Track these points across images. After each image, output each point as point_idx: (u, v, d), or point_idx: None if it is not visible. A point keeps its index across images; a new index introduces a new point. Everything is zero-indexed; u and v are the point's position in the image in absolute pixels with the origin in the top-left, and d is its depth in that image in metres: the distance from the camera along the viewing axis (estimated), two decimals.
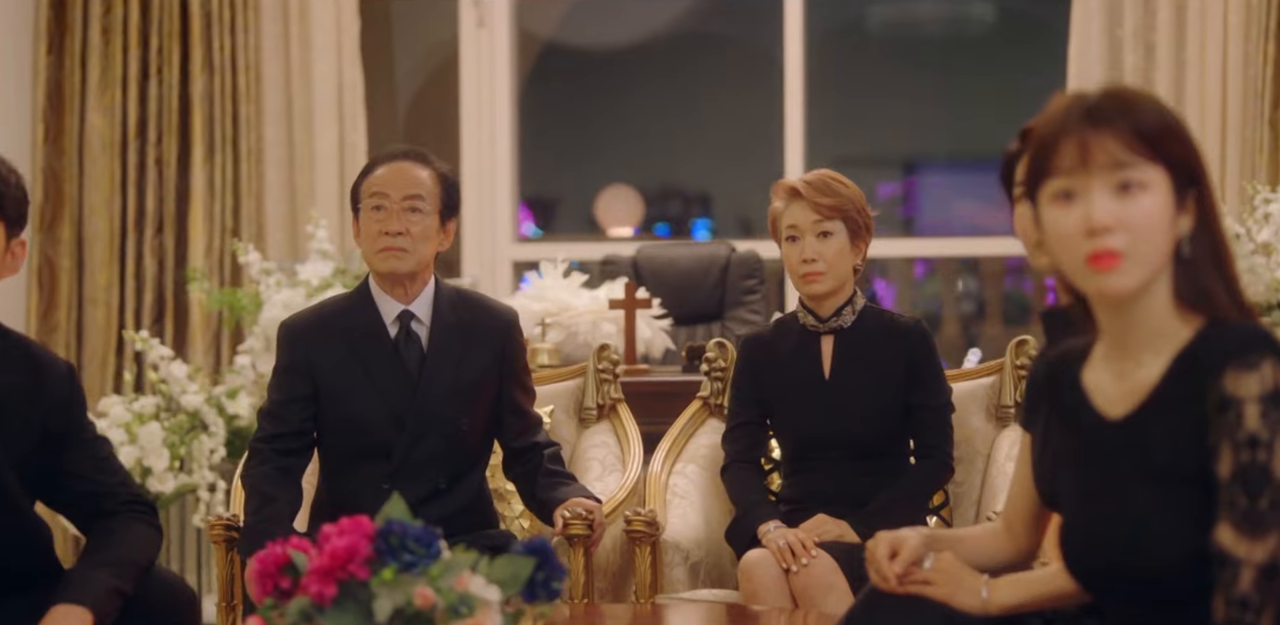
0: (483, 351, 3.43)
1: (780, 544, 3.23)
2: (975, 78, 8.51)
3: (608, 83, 8.51)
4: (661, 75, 8.41)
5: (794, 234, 3.43)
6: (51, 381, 2.71)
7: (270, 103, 6.36)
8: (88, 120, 6.33)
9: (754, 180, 8.41)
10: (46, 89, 6.33)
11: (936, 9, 8.95)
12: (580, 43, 8.00)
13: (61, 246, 6.31)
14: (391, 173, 3.42)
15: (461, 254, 6.53)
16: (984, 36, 8.87)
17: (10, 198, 2.62)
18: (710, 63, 8.30)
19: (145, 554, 2.69)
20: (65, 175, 6.33)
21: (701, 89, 8.30)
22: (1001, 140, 8.36)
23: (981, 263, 8.07)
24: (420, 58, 7.74)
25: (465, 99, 6.62)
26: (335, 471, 3.45)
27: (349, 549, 2.17)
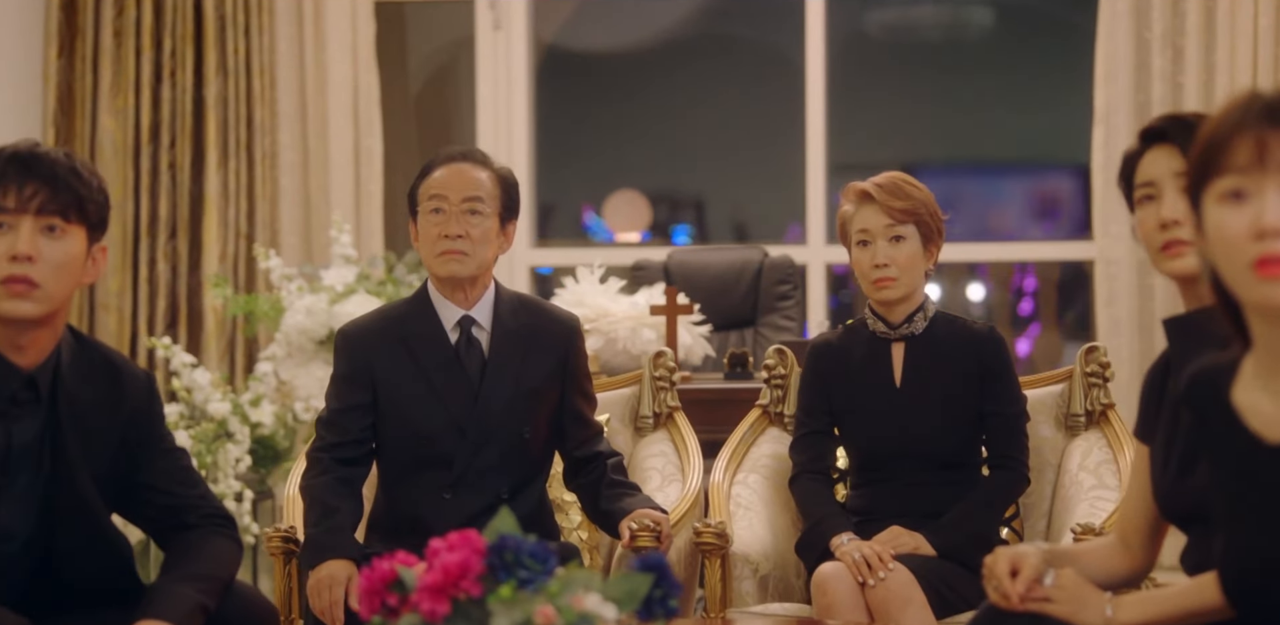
0: (544, 358, 3.36)
1: (856, 557, 3.16)
2: (974, 82, 8.46)
3: (609, 86, 8.44)
4: (665, 78, 8.35)
5: (865, 238, 3.36)
6: (131, 391, 2.63)
7: (285, 106, 6.29)
8: (99, 124, 6.25)
9: (749, 183, 8.38)
10: (57, 92, 6.25)
11: (936, 14, 8.91)
12: (582, 46, 7.93)
13: None
14: (450, 174, 3.35)
15: None
16: (983, 41, 8.82)
17: (92, 202, 2.53)
18: (711, 65, 8.24)
19: (228, 569, 2.61)
20: None
21: (706, 92, 8.24)
22: (999, 145, 8.28)
23: (990, 267, 8.02)
24: (435, 60, 7.66)
25: (481, 102, 6.55)
26: (394, 481, 3.37)
27: (462, 565, 2.09)
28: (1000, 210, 8.75)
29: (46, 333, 2.52)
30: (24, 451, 2.52)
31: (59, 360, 2.55)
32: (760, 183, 8.32)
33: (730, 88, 8.17)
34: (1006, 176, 8.70)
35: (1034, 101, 8.24)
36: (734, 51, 8.21)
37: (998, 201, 8.79)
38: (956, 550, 3.24)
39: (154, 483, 2.64)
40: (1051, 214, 8.75)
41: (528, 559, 2.08)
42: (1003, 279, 8.25)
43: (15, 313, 2.46)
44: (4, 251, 2.46)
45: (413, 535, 3.31)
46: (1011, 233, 8.46)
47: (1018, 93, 8.24)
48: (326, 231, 6.22)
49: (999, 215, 8.71)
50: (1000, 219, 8.78)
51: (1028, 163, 8.73)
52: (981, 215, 8.77)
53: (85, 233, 2.54)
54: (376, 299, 5.55)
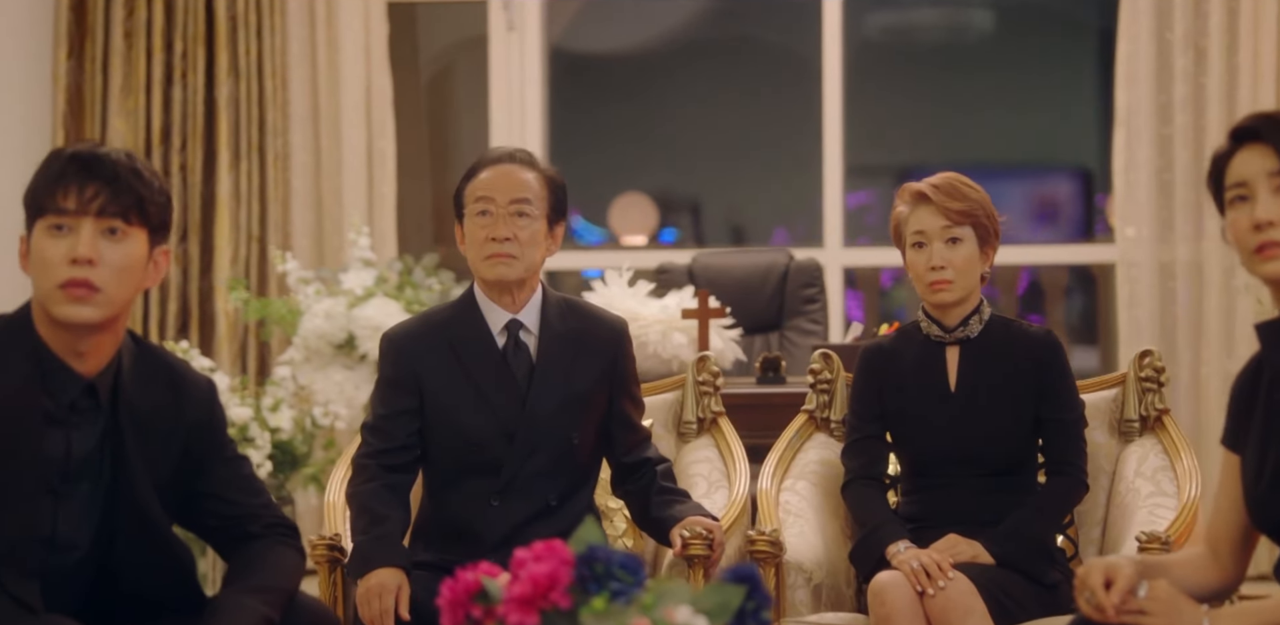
0: (593, 362, 3.30)
1: (914, 565, 3.10)
2: (972, 84, 8.43)
3: (615, 88, 8.39)
4: (676, 79, 8.30)
5: (920, 240, 3.30)
6: (192, 398, 2.56)
7: (297, 108, 6.23)
8: (110, 126, 6.19)
9: (747, 185, 8.33)
10: (67, 94, 6.18)
11: (936, 16, 8.87)
12: (589, 47, 7.89)
13: None
14: (497, 176, 3.29)
15: None
16: (982, 43, 8.79)
17: (154, 203, 2.47)
18: (715, 66, 8.19)
19: (292, 580, 2.54)
20: None
21: (714, 93, 8.19)
22: (998, 148, 8.23)
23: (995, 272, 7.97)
24: (448, 62, 7.61)
25: (494, 104, 6.50)
26: (441, 488, 3.31)
27: (551, 576, 2.04)
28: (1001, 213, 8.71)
29: (107, 338, 2.46)
30: (84, 460, 2.46)
31: (119, 367, 2.49)
32: (758, 184, 8.27)
33: (736, 89, 8.13)
34: (1005, 179, 8.66)
35: (1032, 104, 8.21)
36: (736, 53, 8.17)
37: (998, 204, 8.75)
38: (1015, 558, 3.18)
39: (216, 492, 2.57)
40: (1051, 217, 8.72)
41: (618, 570, 2.02)
42: (1009, 283, 8.21)
43: (76, 317, 2.40)
44: (64, 254, 2.40)
45: (460, 543, 3.26)
46: (1013, 235, 8.43)
47: (1017, 95, 8.21)
48: (339, 234, 6.16)
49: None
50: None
51: (1027, 165, 8.70)
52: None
53: (146, 235, 2.47)
54: (395, 302, 5.49)
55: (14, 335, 2.44)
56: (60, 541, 2.45)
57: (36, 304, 2.46)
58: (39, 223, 2.43)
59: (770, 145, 8.13)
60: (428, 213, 7.30)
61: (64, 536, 2.45)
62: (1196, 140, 5.92)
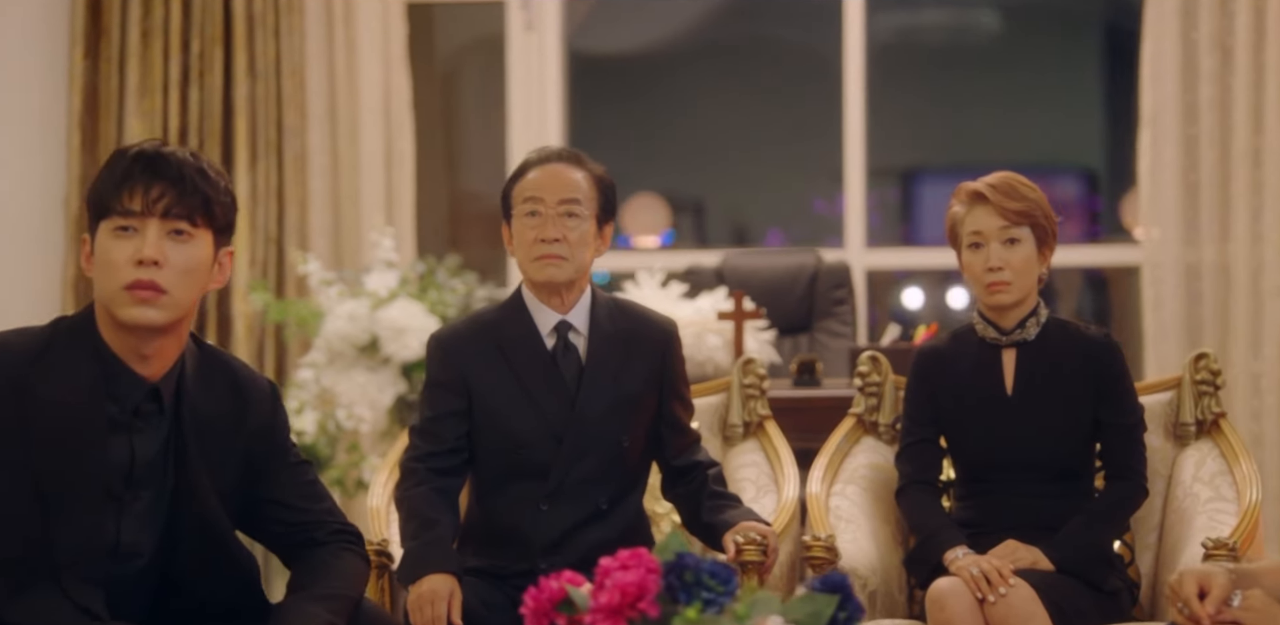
0: (642, 364, 3.26)
1: (974, 572, 3.05)
2: (977, 86, 8.39)
3: (623, 88, 8.35)
4: (676, 81, 8.26)
5: (977, 241, 3.25)
6: (254, 402, 2.51)
7: (315, 108, 6.18)
8: (126, 126, 6.12)
9: (743, 186, 8.30)
10: (83, 94, 6.12)
11: (941, 17, 8.84)
12: (604, 47, 7.84)
13: None
14: (545, 176, 3.24)
15: (510, 264, 6.34)
16: (986, 45, 8.76)
17: (220, 204, 2.42)
18: (726, 66, 8.16)
19: (357, 588, 2.49)
20: None
21: (717, 95, 8.15)
22: (1002, 149, 8.10)
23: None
24: (456, 63, 7.56)
25: (513, 104, 6.45)
26: (489, 491, 3.26)
27: (639, 585, 1.99)
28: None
29: (171, 341, 2.41)
30: (148, 466, 2.41)
31: (182, 370, 2.44)
32: (756, 185, 8.24)
33: (744, 89, 8.09)
34: None
35: (1036, 104, 8.18)
36: (746, 53, 8.13)
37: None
38: (1076, 565, 3.14)
39: (279, 498, 2.52)
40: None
41: (708, 578, 1.98)
42: None
43: (141, 320, 2.35)
44: (130, 256, 2.35)
45: (508, 547, 3.22)
46: None
47: (1021, 95, 8.18)
48: (356, 235, 6.11)
49: None
50: None
51: (1031, 166, 8.66)
52: None
53: (212, 236, 2.42)
54: (419, 304, 5.44)
55: (77, 338, 2.39)
56: (124, 549, 2.40)
57: (100, 306, 2.40)
58: (103, 224, 2.38)
59: (773, 146, 8.09)
60: (444, 214, 7.25)
61: (127, 544, 2.40)
62: (1223, 141, 5.89)
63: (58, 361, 2.37)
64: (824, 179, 8.16)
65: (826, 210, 8.33)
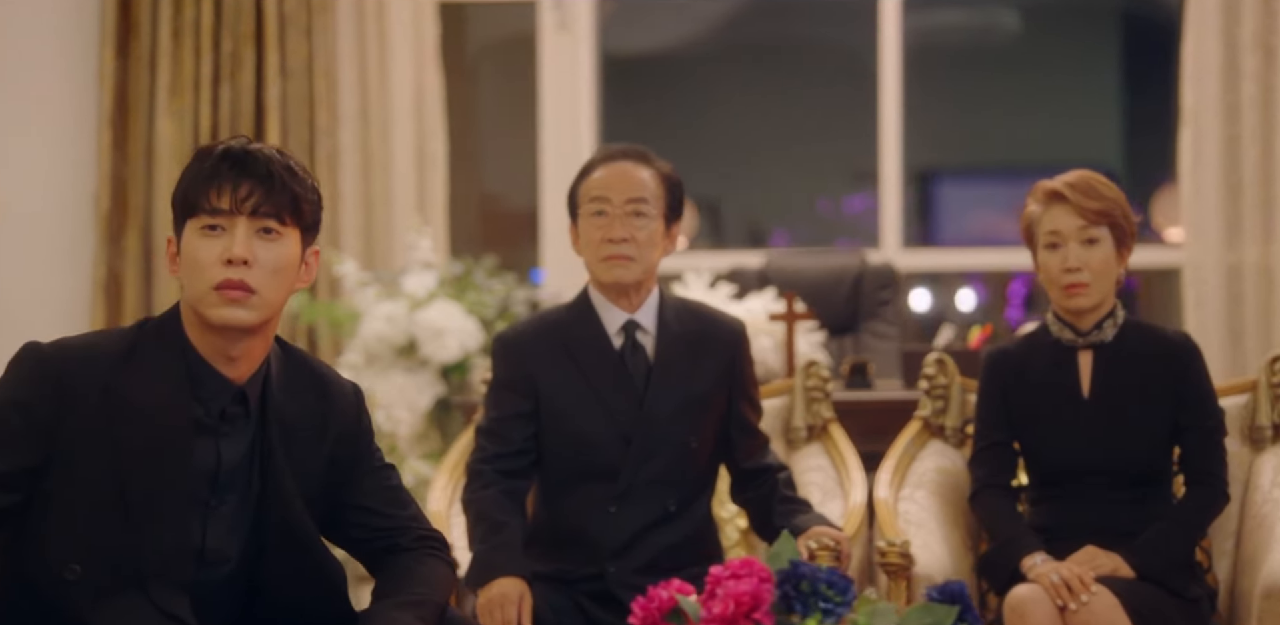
0: (711, 364, 3.22)
1: (1054, 579, 2.99)
2: (996, 86, 8.35)
3: (647, 88, 8.31)
4: (696, 81, 8.22)
5: (1055, 241, 3.19)
6: (339, 406, 2.46)
7: (346, 108, 6.13)
8: (156, 126, 6.07)
9: (755, 186, 8.25)
10: (114, 93, 6.06)
11: (962, 18, 8.80)
12: (633, 47, 7.80)
13: (128, 257, 6.05)
14: (612, 175, 3.20)
15: (542, 265, 6.28)
16: (1006, 45, 8.71)
17: (308, 202, 2.36)
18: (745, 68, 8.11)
19: (443, 594, 2.44)
20: (132, 183, 6.07)
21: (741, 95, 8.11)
22: (1019, 150, 8.03)
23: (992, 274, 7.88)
24: (498, 61, 7.51)
25: (544, 104, 6.39)
26: (556, 494, 3.22)
27: (753, 595, 1.94)
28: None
29: (259, 343, 2.35)
30: (233, 470, 2.36)
31: (268, 373, 2.38)
32: (767, 185, 8.19)
33: (769, 90, 8.04)
34: (1027, 180, 8.58)
35: (1054, 105, 8.13)
36: (769, 53, 8.09)
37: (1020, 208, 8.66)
38: (1158, 572, 3.08)
39: (364, 503, 2.46)
40: None
41: (825, 588, 1.93)
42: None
43: (231, 320, 2.29)
44: (218, 255, 2.29)
45: (576, 551, 3.17)
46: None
47: (1038, 96, 8.13)
48: (388, 236, 6.06)
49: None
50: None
51: (1049, 166, 8.61)
52: (1005, 221, 8.66)
53: (299, 235, 2.37)
54: (457, 305, 5.39)
55: (163, 340, 2.34)
56: (209, 555, 2.35)
57: (186, 307, 2.35)
58: (190, 223, 2.32)
59: (789, 146, 8.05)
60: (472, 214, 7.20)
61: (213, 550, 2.35)
62: (1265, 140, 5.83)
63: (144, 364, 2.31)
64: (836, 179, 8.13)
65: (832, 211, 8.30)
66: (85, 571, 2.27)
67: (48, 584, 2.28)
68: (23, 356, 2.31)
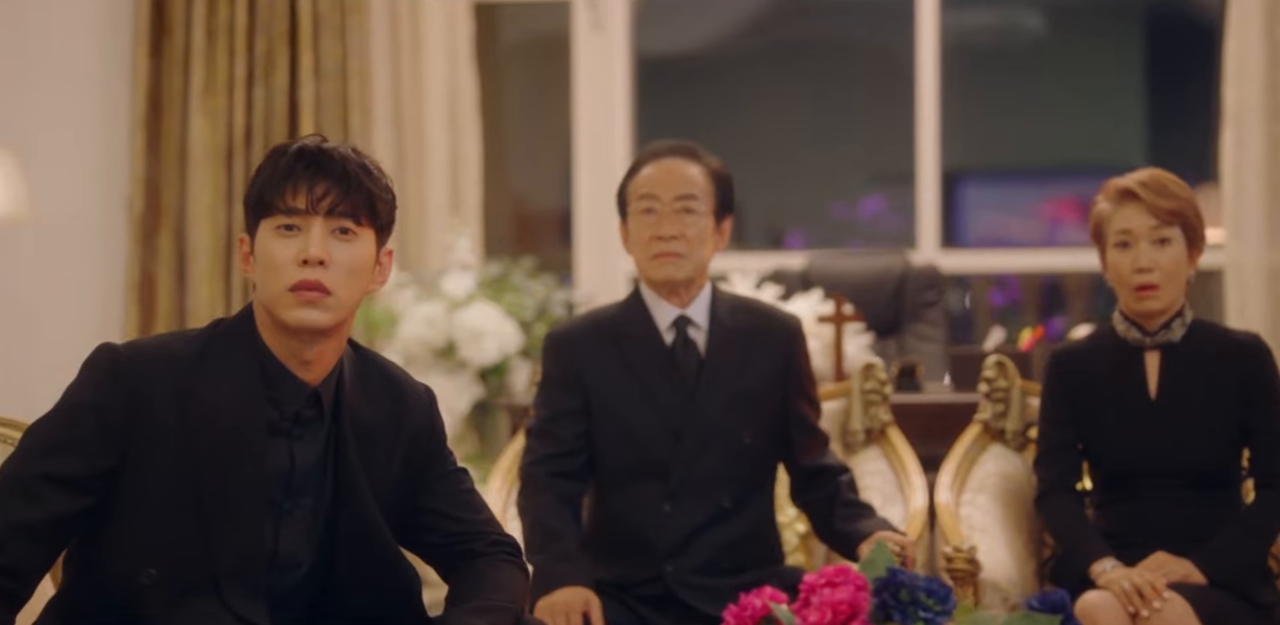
0: (765, 359, 3.18)
1: (1125, 586, 2.94)
2: (1019, 87, 8.30)
3: (677, 89, 8.27)
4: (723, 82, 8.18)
5: (1125, 240, 3.14)
6: (413, 408, 2.42)
7: (380, 109, 6.09)
8: (190, 127, 6.03)
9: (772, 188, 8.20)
10: (147, 94, 6.02)
11: (987, 18, 8.76)
12: (665, 47, 7.76)
13: (161, 259, 6.01)
14: (660, 172, 3.16)
15: (576, 267, 6.24)
16: (1030, 47, 8.67)
17: (383, 201, 2.33)
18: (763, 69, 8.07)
19: (518, 600, 2.39)
20: (166, 184, 6.03)
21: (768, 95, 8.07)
22: (1043, 151, 7.99)
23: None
24: (527, 61, 7.47)
25: (579, 104, 6.35)
26: (609, 493, 3.18)
27: (850, 603, 1.90)
28: (1050, 217, 8.58)
29: (333, 345, 2.31)
30: (307, 473, 2.31)
31: (341, 375, 2.34)
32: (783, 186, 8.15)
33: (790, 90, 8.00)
34: (1056, 182, 8.53)
35: (1076, 106, 8.08)
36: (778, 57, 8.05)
37: (1041, 208, 8.62)
38: (1230, 578, 3.03)
39: (438, 507, 2.42)
40: None
41: (925, 596, 1.89)
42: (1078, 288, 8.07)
43: (307, 322, 2.25)
44: (293, 256, 2.25)
45: (631, 553, 3.13)
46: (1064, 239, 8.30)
47: (1061, 97, 8.08)
48: (422, 237, 6.02)
49: (1048, 222, 8.54)
50: (1050, 226, 8.62)
51: (1072, 167, 8.56)
52: (1031, 222, 8.61)
53: (375, 235, 2.33)
54: (496, 307, 5.35)
55: (236, 342, 2.30)
56: (282, 559, 2.31)
57: (260, 308, 2.31)
58: (264, 223, 2.28)
59: (809, 146, 8.01)
60: (505, 215, 7.16)
61: (286, 554, 2.31)
62: None
63: (218, 366, 2.28)
64: (852, 181, 8.08)
65: (847, 213, 8.26)
66: (160, 575, 2.23)
67: (123, 587, 2.24)
68: (97, 359, 2.27)
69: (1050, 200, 8.42)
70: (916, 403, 4.22)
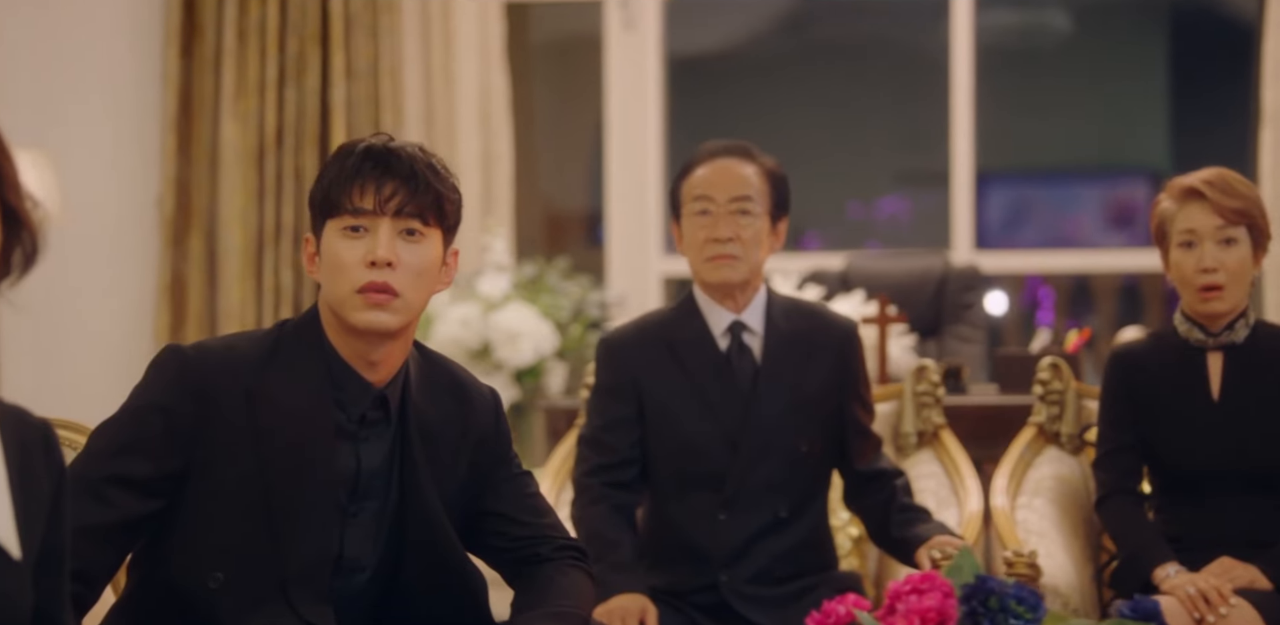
0: (821, 366, 3.13)
1: (1190, 591, 2.89)
2: (1042, 88, 8.26)
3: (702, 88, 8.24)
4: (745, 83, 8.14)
5: (1189, 239, 3.09)
6: (478, 410, 2.38)
7: (411, 110, 6.06)
8: (221, 128, 6.01)
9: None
10: (178, 95, 6.00)
11: (1012, 18, 8.72)
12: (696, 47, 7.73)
13: (192, 260, 5.98)
14: (714, 172, 3.12)
15: (607, 268, 6.20)
16: (1053, 47, 8.63)
17: (450, 202, 2.29)
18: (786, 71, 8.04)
19: (586, 606, 2.35)
20: (197, 186, 6.00)
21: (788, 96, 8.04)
22: (1066, 152, 7.88)
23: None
24: (555, 61, 7.44)
25: (610, 104, 6.31)
26: (662, 502, 3.14)
27: (939, 611, 1.86)
28: (1072, 218, 8.54)
29: (399, 347, 2.28)
30: (373, 475, 2.28)
31: (407, 376, 2.31)
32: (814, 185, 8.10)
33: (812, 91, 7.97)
34: (1075, 183, 8.49)
35: (1099, 106, 8.04)
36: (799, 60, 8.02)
37: (1065, 209, 8.58)
38: None
39: (503, 510, 2.38)
40: (1127, 221, 8.53)
41: (1015, 603, 1.85)
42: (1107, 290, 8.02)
43: (375, 324, 2.22)
44: (361, 257, 2.22)
45: (686, 562, 3.09)
46: (1087, 241, 8.26)
47: (1088, 98, 8.04)
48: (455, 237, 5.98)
49: (1072, 223, 8.51)
50: (1073, 227, 8.58)
51: (1097, 168, 8.51)
52: (1056, 223, 8.57)
53: (441, 235, 2.29)
54: (532, 308, 5.31)
55: (304, 343, 2.27)
56: (347, 563, 2.28)
57: (327, 310, 2.27)
58: (331, 223, 2.25)
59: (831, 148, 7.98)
60: (535, 216, 7.13)
61: (351, 558, 2.28)
62: None
63: (286, 368, 2.24)
64: (867, 181, 8.04)
65: (862, 213, 8.22)
66: (227, 579, 2.20)
67: (190, 591, 2.21)
68: (164, 360, 2.24)
69: (1078, 201, 8.38)
70: (964, 405, 4.17)
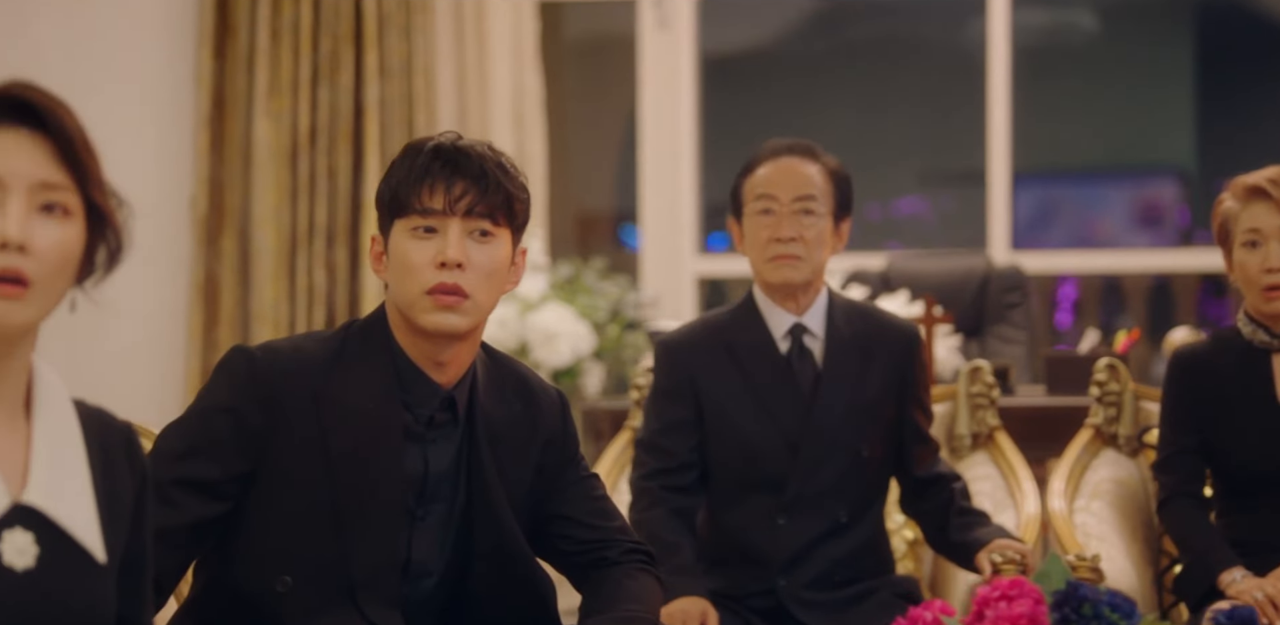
0: (882, 370, 3.09)
1: (1258, 596, 2.85)
2: (1067, 87, 8.21)
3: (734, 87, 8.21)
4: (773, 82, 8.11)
5: (1254, 239, 3.04)
6: (545, 412, 2.35)
7: (444, 109, 6.03)
8: (254, 127, 5.98)
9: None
10: (211, 94, 5.97)
11: (1036, 18, 8.68)
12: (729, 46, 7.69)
13: (225, 260, 5.96)
14: (777, 171, 3.07)
15: (640, 268, 6.17)
16: (1079, 46, 8.58)
17: (520, 201, 2.26)
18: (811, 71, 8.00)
19: (655, 611, 2.32)
20: (230, 185, 5.98)
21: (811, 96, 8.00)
22: (1099, 152, 7.81)
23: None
24: (586, 60, 7.41)
25: (644, 103, 6.28)
26: (721, 506, 3.09)
27: (1030, 618, 1.82)
28: (1100, 218, 8.50)
29: (467, 348, 2.25)
30: (440, 478, 2.25)
31: (474, 378, 2.27)
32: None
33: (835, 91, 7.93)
34: (1102, 183, 8.44)
35: (1124, 105, 8.00)
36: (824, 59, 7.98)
37: (1092, 209, 8.54)
38: None
39: (571, 513, 2.35)
40: (1153, 220, 8.48)
41: (1109, 611, 1.81)
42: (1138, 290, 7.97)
43: (444, 326, 2.18)
44: (431, 258, 2.18)
45: (745, 565, 3.05)
46: (1112, 240, 8.21)
47: (1109, 96, 8.00)
48: None
49: (1099, 223, 8.46)
50: (1101, 227, 8.54)
51: (1124, 168, 8.46)
52: (1082, 223, 8.52)
53: (511, 235, 2.26)
54: (569, 308, 5.28)
55: (372, 344, 2.23)
56: (414, 567, 2.24)
57: (395, 310, 2.24)
58: (399, 223, 2.21)
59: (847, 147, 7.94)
60: (567, 216, 7.10)
61: (418, 562, 2.25)
62: None
63: (354, 369, 2.21)
64: (885, 181, 8.00)
65: (880, 214, 8.18)
66: (295, 583, 2.17)
67: (258, 595, 2.19)
68: (231, 361, 2.21)
69: (1105, 201, 8.34)
70: (1014, 406, 4.13)
